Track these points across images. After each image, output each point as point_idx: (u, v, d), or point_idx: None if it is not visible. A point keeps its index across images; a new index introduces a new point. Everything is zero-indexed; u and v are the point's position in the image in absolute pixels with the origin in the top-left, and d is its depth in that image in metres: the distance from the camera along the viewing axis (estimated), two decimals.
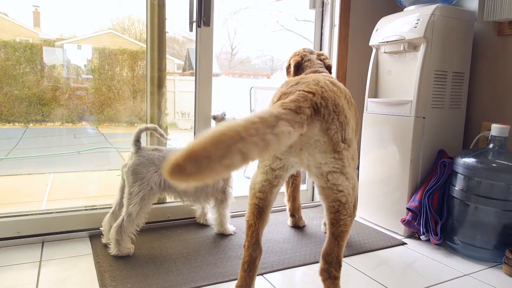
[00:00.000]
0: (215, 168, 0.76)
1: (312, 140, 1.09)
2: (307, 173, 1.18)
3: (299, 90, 1.09)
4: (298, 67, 1.75)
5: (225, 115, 1.99)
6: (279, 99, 1.14)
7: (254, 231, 1.21)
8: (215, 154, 0.75)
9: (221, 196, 1.83)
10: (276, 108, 0.98)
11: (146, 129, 1.67)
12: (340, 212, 1.12)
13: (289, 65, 1.80)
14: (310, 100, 1.06)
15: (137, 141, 1.63)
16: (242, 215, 2.09)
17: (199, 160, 0.74)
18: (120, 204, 1.67)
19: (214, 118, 2.00)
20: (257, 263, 1.24)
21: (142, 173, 1.60)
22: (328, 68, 1.76)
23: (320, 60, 1.76)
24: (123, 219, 1.57)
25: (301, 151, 1.12)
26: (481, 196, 1.67)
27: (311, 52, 1.79)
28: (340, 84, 1.29)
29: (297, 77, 1.23)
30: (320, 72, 1.64)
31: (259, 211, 1.21)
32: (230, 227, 1.89)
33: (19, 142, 2.82)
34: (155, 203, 2.01)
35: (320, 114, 1.08)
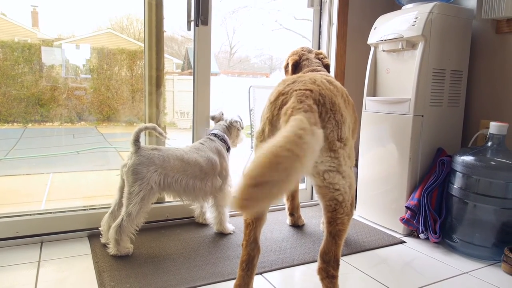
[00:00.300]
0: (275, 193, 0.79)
1: None
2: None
3: (296, 90, 1.08)
4: (296, 66, 1.74)
5: (222, 115, 2.00)
6: (276, 98, 1.14)
7: (252, 230, 1.21)
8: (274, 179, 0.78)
9: (220, 194, 1.83)
10: (300, 116, 0.97)
11: (146, 128, 1.66)
12: (337, 210, 1.12)
13: (287, 64, 1.80)
14: (310, 96, 1.07)
15: (136, 140, 1.63)
16: (241, 214, 2.09)
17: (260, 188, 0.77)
18: (119, 204, 1.67)
19: (212, 118, 2.02)
20: (255, 262, 1.24)
21: (142, 172, 1.60)
22: (326, 67, 1.75)
23: (318, 59, 1.76)
24: (122, 219, 1.57)
25: None
26: (480, 194, 1.67)
27: (310, 51, 1.79)
28: (337, 83, 1.29)
29: (293, 76, 1.22)
30: (318, 71, 1.64)
31: None
32: (229, 226, 1.89)
33: (18, 142, 2.82)
34: (153, 203, 2.01)
35: (318, 112, 1.08)
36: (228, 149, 1.91)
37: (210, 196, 1.82)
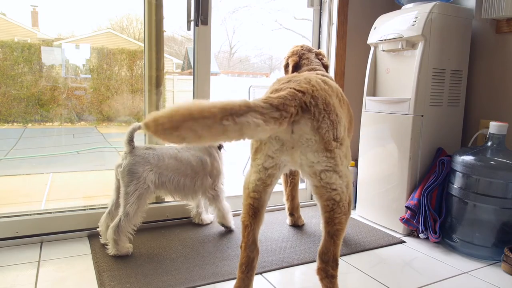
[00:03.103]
0: (170, 135, 0.88)
1: (304, 138, 1.09)
2: (300, 172, 1.18)
3: (290, 88, 1.09)
4: (296, 67, 1.75)
5: None
6: None
7: (251, 232, 1.21)
8: (169, 126, 0.87)
9: (211, 193, 1.83)
10: (256, 100, 0.99)
11: (139, 127, 1.66)
12: (334, 210, 1.12)
13: (287, 64, 1.80)
14: (299, 99, 1.07)
15: (130, 140, 1.63)
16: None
17: (160, 125, 0.88)
18: (116, 204, 1.67)
19: None
20: (254, 264, 1.24)
21: (138, 172, 1.60)
22: (325, 67, 1.76)
23: (318, 59, 1.76)
24: (120, 219, 1.57)
25: (293, 150, 1.12)
26: (480, 194, 1.67)
27: (309, 50, 1.79)
28: (332, 82, 1.29)
29: (289, 75, 1.23)
30: (316, 70, 1.64)
31: (254, 211, 1.21)
32: (232, 221, 1.90)
33: (18, 142, 2.82)
34: (153, 203, 2.01)
35: (311, 113, 1.08)
36: (219, 148, 1.90)
37: (200, 193, 1.82)
